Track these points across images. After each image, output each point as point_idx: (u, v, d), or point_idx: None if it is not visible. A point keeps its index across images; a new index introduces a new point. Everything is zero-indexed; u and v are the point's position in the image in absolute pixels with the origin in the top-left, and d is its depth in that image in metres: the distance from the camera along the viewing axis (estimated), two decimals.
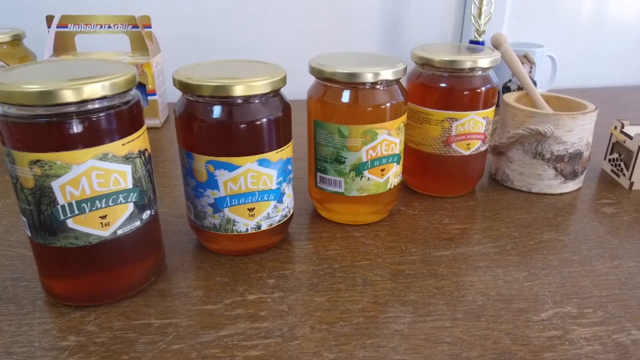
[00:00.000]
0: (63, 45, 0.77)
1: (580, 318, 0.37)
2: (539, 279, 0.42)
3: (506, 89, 0.92)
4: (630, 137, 0.58)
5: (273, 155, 0.41)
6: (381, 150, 0.46)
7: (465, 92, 0.51)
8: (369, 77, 0.44)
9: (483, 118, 0.53)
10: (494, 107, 0.54)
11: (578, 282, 0.42)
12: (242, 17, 0.92)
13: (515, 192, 0.58)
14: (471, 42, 0.90)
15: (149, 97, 0.78)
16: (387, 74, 0.45)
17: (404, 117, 0.48)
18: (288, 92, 0.47)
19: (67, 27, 0.76)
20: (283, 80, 0.41)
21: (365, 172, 0.47)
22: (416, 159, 0.56)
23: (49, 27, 0.76)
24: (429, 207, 0.54)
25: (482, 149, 0.55)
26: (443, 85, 0.51)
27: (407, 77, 0.55)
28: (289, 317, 0.37)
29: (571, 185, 0.58)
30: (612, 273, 0.43)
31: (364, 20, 0.95)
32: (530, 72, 0.89)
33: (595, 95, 1.00)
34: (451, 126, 0.52)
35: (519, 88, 0.91)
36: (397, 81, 0.48)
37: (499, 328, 0.36)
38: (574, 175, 0.57)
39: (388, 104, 0.46)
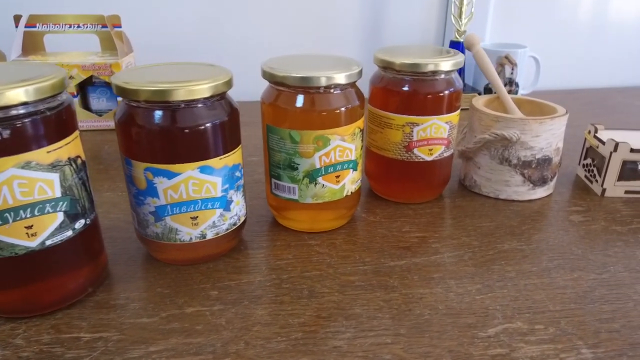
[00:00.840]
0: (32, 45, 0.76)
1: (530, 335, 0.36)
2: (492, 292, 0.41)
3: (488, 90, 0.90)
4: (603, 142, 0.57)
5: (217, 162, 0.40)
6: (335, 156, 0.45)
7: (426, 96, 0.50)
8: (321, 81, 0.43)
9: (446, 123, 0.51)
10: (458, 111, 0.53)
11: (533, 296, 0.40)
12: (219, 17, 0.90)
13: (483, 198, 0.56)
14: (452, 42, 0.89)
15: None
16: (340, 78, 0.43)
17: (359, 123, 0.46)
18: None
19: (35, 26, 0.75)
20: (227, 84, 0.40)
21: (320, 179, 0.45)
22: (379, 165, 0.55)
23: (16, 26, 0.75)
24: (392, 214, 0.53)
25: (446, 154, 0.53)
26: (404, 89, 0.50)
27: (371, 80, 0.53)
28: (225, 331, 0.36)
29: (540, 192, 0.56)
30: (570, 286, 0.41)
31: (344, 21, 0.93)
32: (512, 73, 0.88)
33: (582, 97, 0.98)
34: (412, 131, 0.51)
35: (508, 92, 0.89)
36: (353, 84, 0.46)
37: (442, 345, 0.35)
38: (542, 181, 0.55)
39: (342, 109, 0.44)
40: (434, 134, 0.51)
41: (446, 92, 0.50)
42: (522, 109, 0.61)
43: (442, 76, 0.50)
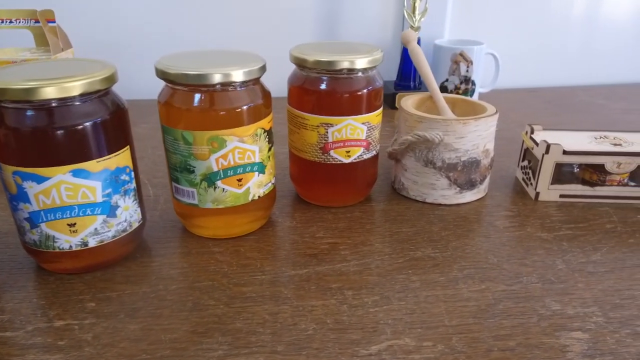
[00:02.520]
0: None
1: (415, 353, 0.33)
2: (389, 304, 0.38)
3: (443, 88, 0.88)
4: (537, 144, 0.54)
5: (93, 165, 0.37)
6: (234, 158, 0.42)
7: (340, 96, 0.47)
8: (214, 79, 0.40)
9: (363, 124, 0.48)
10: (378, 111, 0.50)
11: (431, 309, 0.38)
12: (167, 10, 0.88)
13: (410, 202, 0.54)
14: None
15: None
16: (237, 75, 0.41)
17: (263, 122, 0.43)
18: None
19: None
20: (107, 80, 0.37)
21: (219, 183, 0.43)
22: (299, 167, 0.52)
23: None
24: (310, 218, 0.50)
25: (367, 156, 0.50)
26: (317, 88, 0.47)
27: (288, 78, 0.50)
28: (88, 347, 0.34)
29: (469, 196, 0.53)
30: (474, 298, 0.39)
31: (298, 15, 0.90)
32: (468, 71, 0.85)
33: (543, 95, 0.95)
34: (327, 132, 0.48)
35: (456, 88, 0.86)
36: (256, 82, 0.44)
37: None
38: (470, 185, 0.53)
39: (240, 108, 0.42)
40: (350, 136, 0.48)
41: (364, 91, 0.48)
42: (456, 108, 0.58)
43: (359, 74, 0.48)
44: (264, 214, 0.48)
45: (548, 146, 0.51)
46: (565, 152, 0.51)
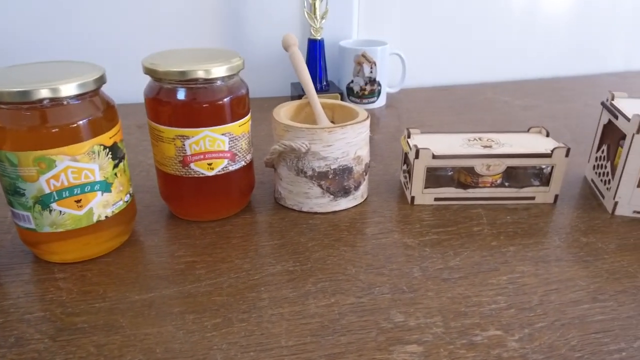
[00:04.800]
0: None
1: None
2: (229, 326, 0.37)
3: (349, 90, 0.87)
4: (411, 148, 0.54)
5: None
6: (67, 179, 0.39)
7: (195, 107, 0.45)
8: (42, 94, 0.37)
9: (223, 135, 0.46)
10: (243, 120, 0.48)
11: (272, 329, 0.37)
12: (67, 15, 0.82)
13: (288, 211, 0.53)
14: (310, 40, 0.85)
15: None
16: (68, 89, 0.38)
17: (103, 138, 0.41)
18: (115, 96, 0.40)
19: None
20: None
21: (54, 205, 0.40)
22: (164, 181, 0.50)
23: None
24: (175, 235, 0.48)
25: (233, 168, 0.49)
26: (171, 99, 0.45)
27: (144, 90, 0.48)
28: None
29: (344, 203, 0.53)
30: (319, 314, 0.38)
31: (197, 18, 0.87)
32: (372, 72, 0.85)
33: (453, 93, 0.96)
34: (184, 145, 0.46)
35: (362, 90, 0.86)
36: (95, 93, 0.41)
37: None
38: (344, 192, 0.52)
39: (78, 123, 0.39)
40: (210, 147, 0.46)
41: (223, 100, 0.46)
42: (335, 114, 0.58)
43: (218, 83, 0.46)
44: (117, 234, 0.45)
45: (417, 151, 0.51)
46: (434, 157, 0.52)
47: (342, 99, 0.86)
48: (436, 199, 0.54)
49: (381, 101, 0.89)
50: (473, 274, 0.43)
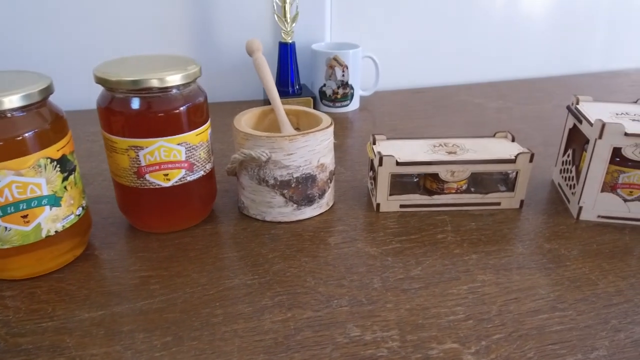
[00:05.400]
0: None
1: None
2: (179, 345, 0.35)
3: (322, 93, 0.86)
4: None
5: None
6: (12, 194, 0.38)
7: (150, 116, 0.44)
8: None
9: (179, 144, 0.45)
10: (201, 129, 0.46)
11: (224, 347, 0.35)
12: (25, 23, 0.80)
13: (251, 221, 0.51)
14: (281, 44, 0.84)
15: None
16: (10, 101, 0.36)
17: (49, 151, 0.39)
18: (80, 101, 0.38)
19: None
20: None
21: None
22: (120, 193, 0.48)
23: None
24: (133, 248, 0.47)
25: (191, 178, 0.47)
26: (123, 109, 0.43)
27: (97, 99, 0.47)
28: None
29: (309, 211, 0.52)
30: (274, 330, 0.37)
31: (168, 23, 0.85)
32: (344, 75, 0.84)
33: (426, 95, 0.95)
34: (138, 155, 0.45)
35: (334, 93, 0.85)
36: (42, 104, 0.39)
37: None
38: (308, 201, 0.51)
39: (21, 136, 0.37)
40: (166, 158, 0.45)
41: (179, 109, 0.45)
42: (300, 121, 0.57)
43: (173, 92, 0.45)
44: (70, 249, 0.44)
45: (381, 158, 0.51)
46: (398, 163, 0.51)
47: (314, 103, 0.85)
48: (402, 206, 0.53)
49: (354, 104, 0.88)
50: (433, 283, 0.42)
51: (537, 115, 0.84)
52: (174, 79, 0.44)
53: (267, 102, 0.85)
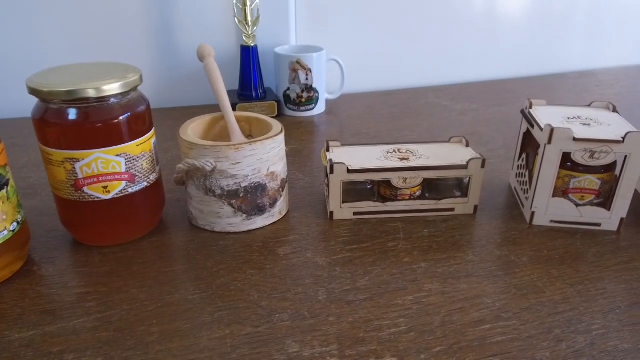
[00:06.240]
0: None
1: None
2: None
3: (286, 97, 0.85)
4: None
5: None
6: None
7: (86, 127, 0.42)
8: None
9: (118, 156, 0.44)
10: (142, 139, 0.45)
11: None
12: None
13: (200, 232, 0.50)
14: (242, 47, 0.83)
15: None
16: None
17: None
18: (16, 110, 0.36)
19: None
20: None
21: None
22: (61, 207, 0.47)
23: None
24: (73, 264, 0.45)
25: (133, 190, 0.46)
26: (58, 120, 0.42)
27: (32, 110, 0.45)
28: None
29: (260, 221, 0.51)
30: (210, 348, 0.36)
31: (129, 25, 0.83)
32: (307, 78, 0.83)
33: (395, 98, 0.94)
34: (74, 168, 0.43)
35: (299, 97, 0.84)
36: None
37: None
38: (259, 210, 0.50)
39: None
40: (104, 170, 0.44)
41: (119, 119, 0.43)
42: (253, 127, 0.56)
43: (111, 101, 0.43)
44: (5, 266, 0.42)
45: (332, 166, 0.50)
46: (349, 171, 0.50)
47: (279, 107, 0.84)
48: (355, 213, 0.53)
49: (320, 108, 0.87)
50: (379, 294, 0.41)
51: (502, 118, 0.84)
52: (112, 88, 0.42)
53: (233, 106, 0.84)
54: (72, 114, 0.42)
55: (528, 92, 0.99)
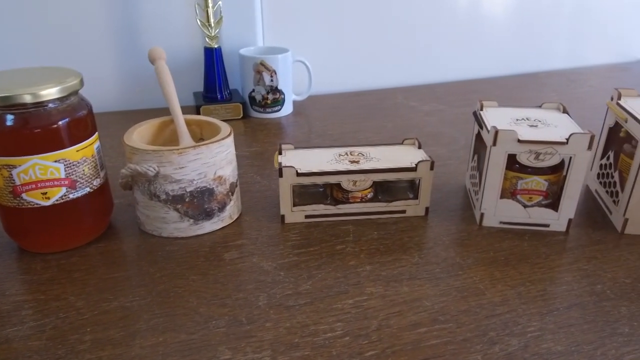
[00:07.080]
0: None
1: None
2: None
3: (252, 99, 0.85)
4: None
5: None
6: None
7: (24, 133, 0.41)
8: None
9: (56, 162, 0.43)
10: (83, 144, 0.44)
11: None
12: None
13: (147, 237, 0.49)
14: (206, 49, 0.82)
15: None
16: None
17: None
18: None
19: None
20: None
21: None
22: (2, 213, 0.46)
23: None
24: (14, 271, 0.44)
25: (74, 195, 0.45)
26: None
27: None
28: None
29: (209, 226, 0.50)
30: (141, 356, 0.35)
31: (91, 28, 0.82)
32: (272, 80, 0.83)
33: (363, 99, 0.94)
34: (11, 174, 0.42)
35: (264, 99, 0.83)
36: None
37: None
38: (206, 215, 0.50)
39: None
40: (42, 176, 0.43)
41: (57, 124, 0.42)
42: (204, 131, 0.55)
43: (49, 106, 0.42)
44: None
45: (281, 169, 0.50)
46: (299, 174, 0.50)
47: (244, 109, 0.83)
48: (307, 216, 0.52)
49: (287, 109, 0.87)
50: (320, 299, 0.41)
51: (467, 119, 0.84)
52: (49, 93, 0.42)
53: (197, 108, 0.84)
54: (9, 120, 0.41)
55: (496, 92, 0.99)
